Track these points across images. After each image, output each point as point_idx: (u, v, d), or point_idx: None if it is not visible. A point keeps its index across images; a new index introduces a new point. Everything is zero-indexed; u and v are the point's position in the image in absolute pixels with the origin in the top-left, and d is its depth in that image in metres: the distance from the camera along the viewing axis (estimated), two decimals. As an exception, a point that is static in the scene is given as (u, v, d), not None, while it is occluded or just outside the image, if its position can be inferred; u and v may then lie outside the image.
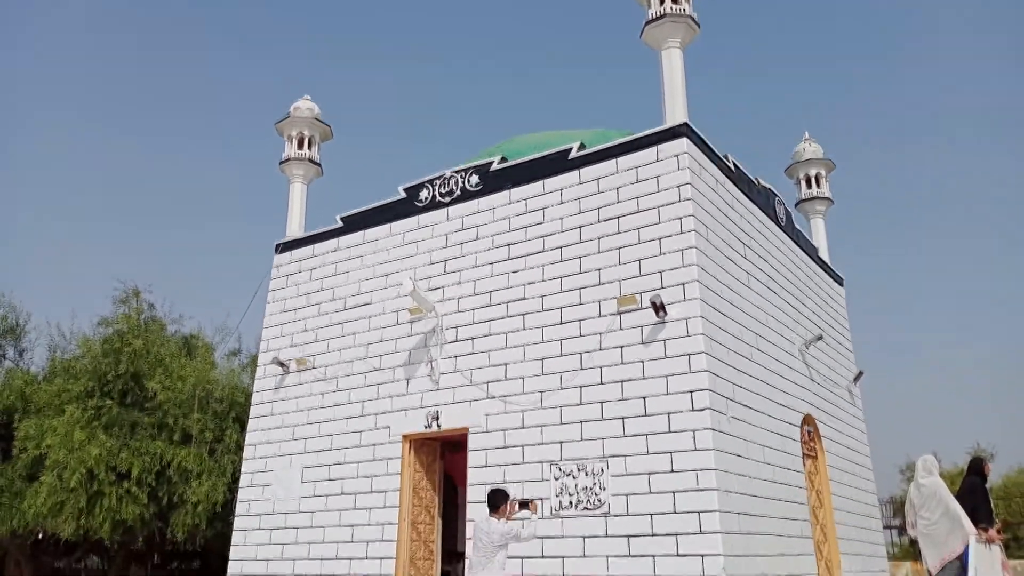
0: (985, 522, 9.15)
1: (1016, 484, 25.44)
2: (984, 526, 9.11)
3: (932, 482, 9.15)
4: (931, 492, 9.10)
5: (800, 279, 12.33)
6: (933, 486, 9.12)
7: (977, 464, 9.80)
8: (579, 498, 8.99)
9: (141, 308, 15.92)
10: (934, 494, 9.07)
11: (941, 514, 8.94)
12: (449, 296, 10.91)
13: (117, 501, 12.84)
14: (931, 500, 9.06)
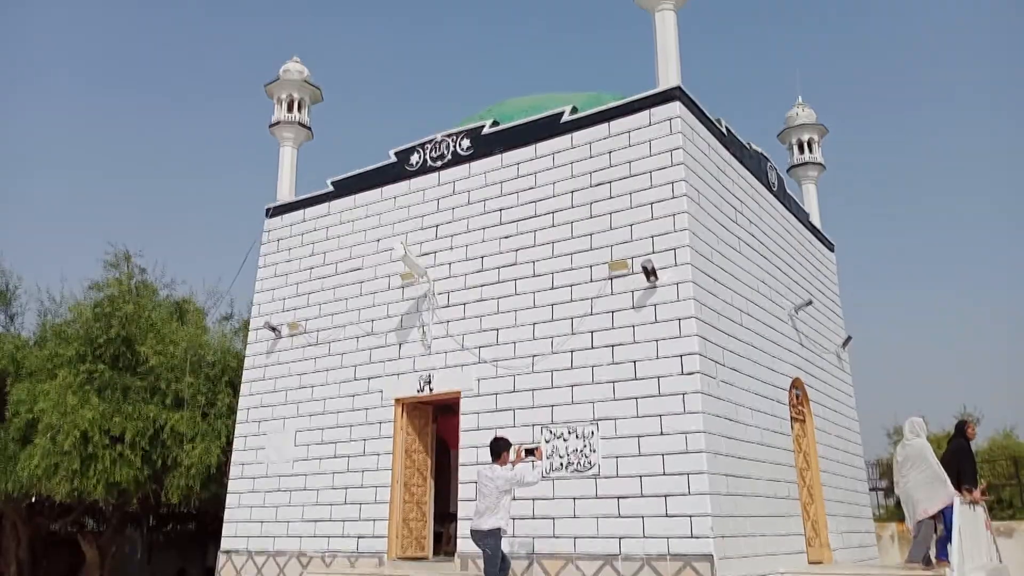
0: (970, 483, 9.34)
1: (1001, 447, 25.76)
2: (969, 487, 9.30)
3: (918, 443, 9.32)
4: (916, 453, 9.27)
5: (791, 244, 12.37)
6: (919, 447, 9.28)
7: (962, 427, 9.98)
8: (569, 460, 9.11)
9: (132, 272, 15.85)
10: (919, 455, 9.24)
11: (924, 474, 9.12)
12: (441, 261, 10.92)
13: (111, 464, 12.91)
14: (917, 460, 9.23)
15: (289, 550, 11.08)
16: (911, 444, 9.38)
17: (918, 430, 9.49)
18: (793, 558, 9.69)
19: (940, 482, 9.02)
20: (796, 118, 15.32)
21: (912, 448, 9.35)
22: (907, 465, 9.35)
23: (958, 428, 10.07)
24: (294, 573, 10.83)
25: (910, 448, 9.37)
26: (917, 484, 9.16)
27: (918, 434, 9.46)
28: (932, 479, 9.07)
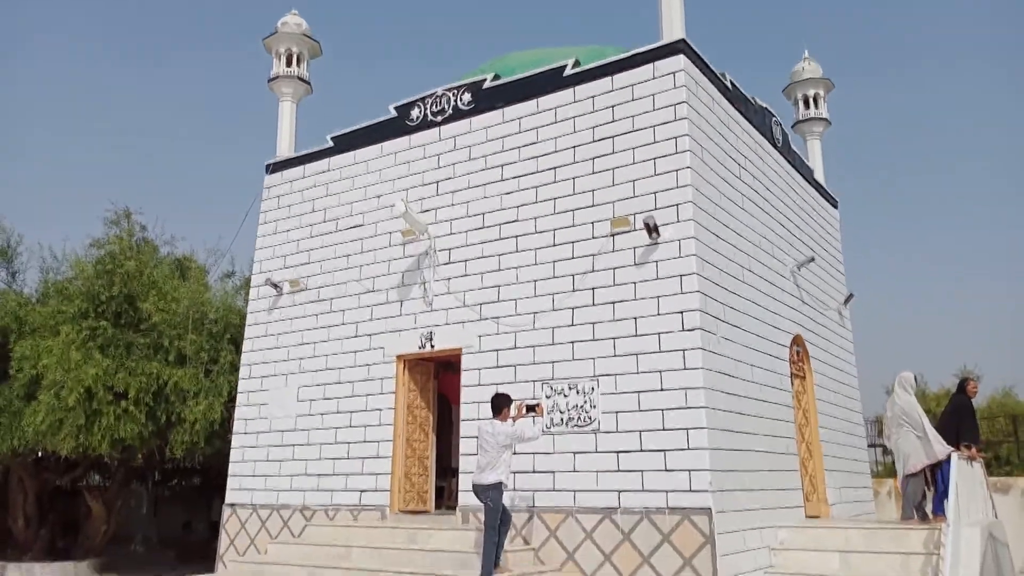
0: (970, 440, 9.41)
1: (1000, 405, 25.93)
2: (968, 443, 9.39)
3: (906, 400, 9.43)
4: (903, 409, 9.38)
5: (794, 201, 12.28)
6: (906, 403, 9.38)
7: (963, 384, 10.04)
8: (570, 416, 9.16)
9: (133, 230, 15.80)
10: (906, 411, 9.34)
11: (911, 430, 9.23)
12: (442, 218, 10.86)
13: (115, 420, 13.01)
14: (904, 417, 9.33)
15: (292, 504, 11.23)
16: (900, 400, 9.47)
17: (907, 386, 9.59)
18: (791, 512, 9.80)
19: (927, 439, 9.12)
20: (802, 72, 15.10)
21: (900, 405, 9.45)
22: (895, 421, 9.47)
23: (960, 385, 10.14)
24: (297, 526, 10.99)
25: (899, 404, 9.46)
26: (905, 440, 9.29)
27: (907, 390, 9.57)
28: (920, 436, 9.18)
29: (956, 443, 9.23)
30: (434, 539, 9.15)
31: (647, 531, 8.28)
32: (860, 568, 8.62)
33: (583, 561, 8.60)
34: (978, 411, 22.43)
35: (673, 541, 8.11)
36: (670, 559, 8.08)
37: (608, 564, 8.44)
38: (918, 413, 9.31)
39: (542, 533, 8.97)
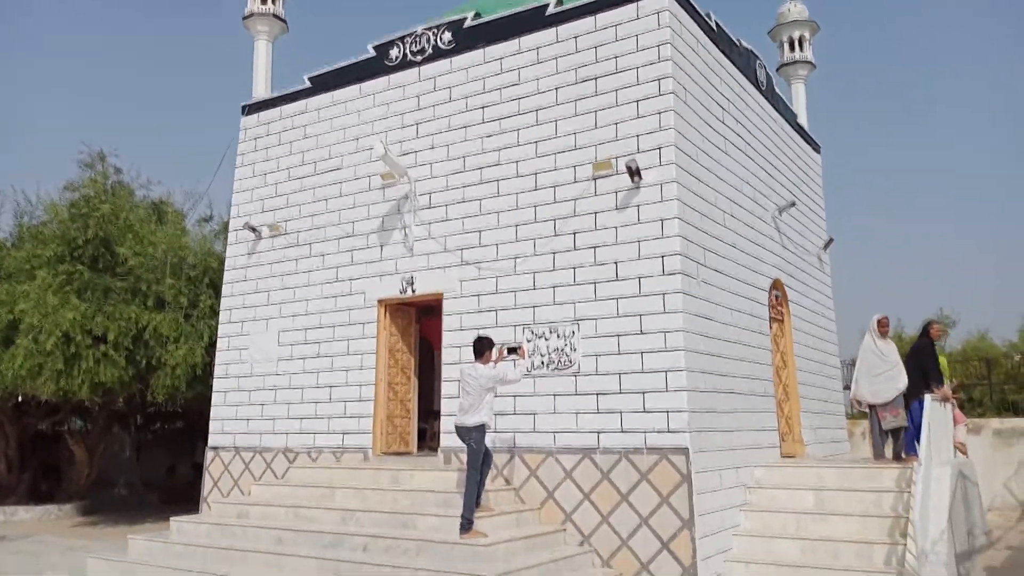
0: (935, 382, 9.62)
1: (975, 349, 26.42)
2: (936, 385, 9.60)
3: (866, 341, 9.76)
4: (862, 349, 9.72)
5: (777, 145, 12.23)
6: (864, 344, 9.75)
7: (926, 327, 10.25)
8: (550, 359, 9.22)
9: (107, 172, 15.53)
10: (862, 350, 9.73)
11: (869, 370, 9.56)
12: (422, 161, 10.72)
13: (95, 364, 12.95)
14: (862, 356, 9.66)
15: (275, 446, 11.31)
16: (864, 342, 9.79)
17: (870, 328, 9.86)
18: (767, 452, 10.00)
19: (883, 378, 9.41)
20: (788, 14, 14.92)
21: (863, 345, 9.79)
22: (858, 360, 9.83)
23: (924, 328, 10.33)
24: (281, 468, 11.08)
25: (863, 345, 9.81)
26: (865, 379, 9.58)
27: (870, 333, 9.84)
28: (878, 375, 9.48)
29: (924, 383, 9.45)
30: (416, 479, 9.27)
31: (626, 470, 8.43)
32: (833, 505, 8.85)
33: (563, 500, 8.76)
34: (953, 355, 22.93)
35: (651, 480, 8.26)
36: (648, 497, 8.25)
37: (587, 502, 8.60)
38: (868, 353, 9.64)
39: (523, 473, 9.10)
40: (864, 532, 8.35)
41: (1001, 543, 11.77)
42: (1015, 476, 14.85)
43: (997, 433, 15.23)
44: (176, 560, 8.84)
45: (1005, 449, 15.05)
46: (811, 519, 8.72)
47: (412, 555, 7.73)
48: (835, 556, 8.16)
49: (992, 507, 14.37)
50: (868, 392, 9.57)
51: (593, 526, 8.51)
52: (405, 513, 8.49)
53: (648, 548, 8.14)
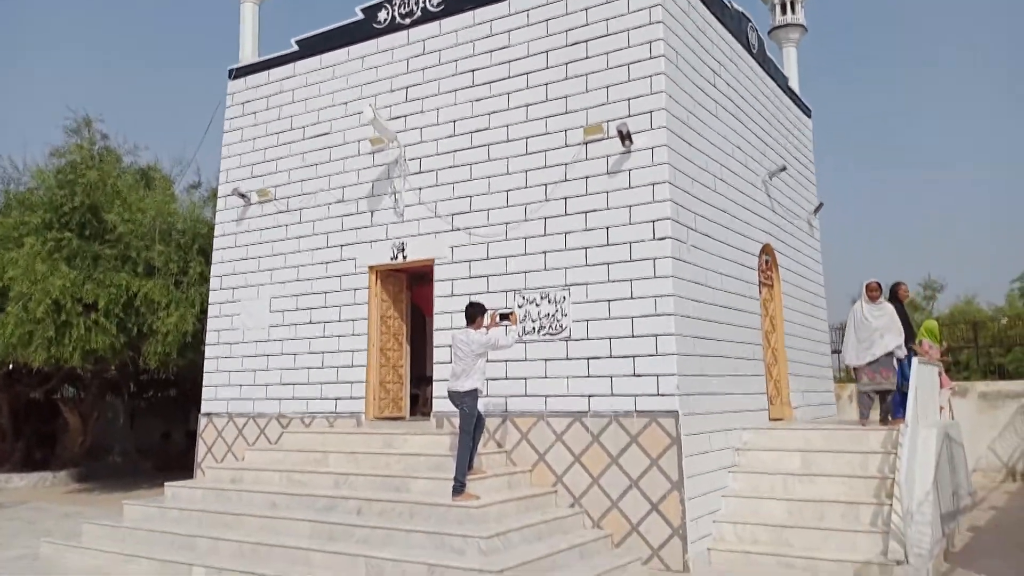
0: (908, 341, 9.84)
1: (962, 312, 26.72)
2: (912, 346, 9.81)
3: (856, 306, 9.88)
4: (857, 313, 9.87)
5: (768, 109, 12.18)
6: (853, 308, 9.95)
7: (894, 288, 10.36)
8: (542, 324, 9.26)
9: (94, 138, 15.37)
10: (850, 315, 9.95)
11: (862, 333, 9.69)
12: (412, 125, 10.64)
13: (86, 331, 12.92)
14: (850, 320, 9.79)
15: (268, 412, 11.36)
16: (854, 306, 9.94)
17: (861, 293, 9.96)
18: (755, 415, 10.11)
19: (868, 342, 9.57)
20: (780, -24, 14.74)
21: (851, 310, 9.95)
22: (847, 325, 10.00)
23: (891, 290, 10.42)
24: (274, 434, 11.15)
25: (851, 309, 9.98)
26: (852, 343, 9.75)
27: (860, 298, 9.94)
28: (864, 339, 9.65)
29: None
30: (409, 444, 9.35)
31: (615, 433, 8.52)
32: (820, 467, 8.97)
33: (554, 462, 8.86)
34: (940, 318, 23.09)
35: (640, 442, 8.36)
36: (637, 460, 8.35)
37: (577, 465, 8.70)
38: (851, 317, 9.94)
39: (514, 436, 9.19)
40: (850, 493, 8.49)
41: (985, 503, 11.99)
42: (1000, 438, 15.07)
43: (983, 396, 15.41)
44: (171, 525, 8.92)
45: (990, 412, 15.24)
46: (798, 480, 8.85)
47: (405, 518, 7.83)
48: (821, 517, 8.30)
49: (977, 468, 14.60)
50: (853, 355, 9.70)
51: (584, 488, 8.61)
52: (398, 477, 8.58)
53: (638, 509, 8.26)
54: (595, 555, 7.92)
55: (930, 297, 31.86)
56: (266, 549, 7.83)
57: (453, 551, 7.11)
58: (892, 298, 10.31)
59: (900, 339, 9.57)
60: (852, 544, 7.85)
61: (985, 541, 9.23)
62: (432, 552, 7.16)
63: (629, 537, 8.26)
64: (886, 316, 9.60)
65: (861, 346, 9.62)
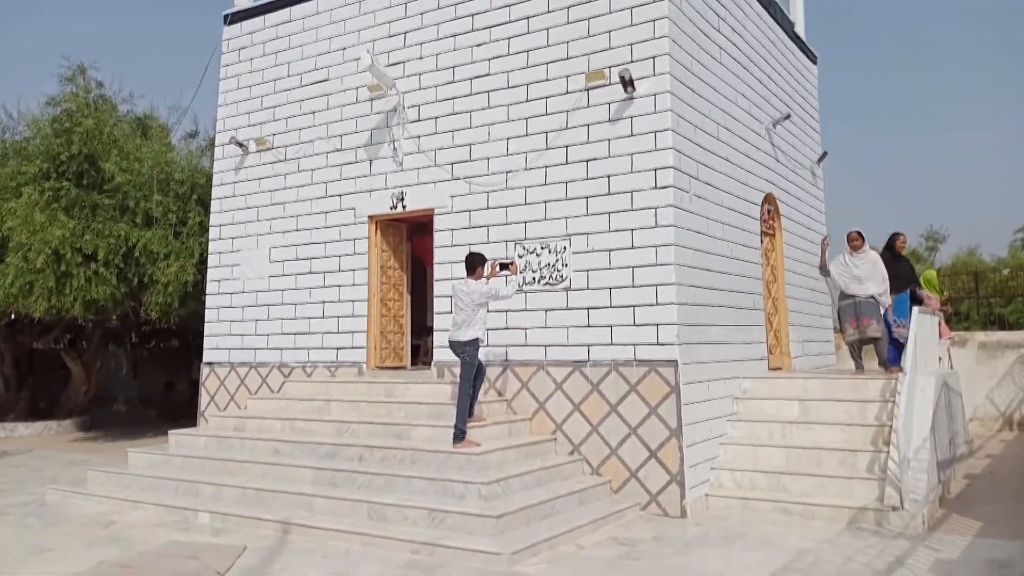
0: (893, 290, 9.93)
1: (964, 264, 26.67)
2: (916, 290, 9.90)
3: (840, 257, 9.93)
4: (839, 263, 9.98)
5: (773, 56, 11.96)
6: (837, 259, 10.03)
7: (891, 240, 10.31)
8: (542, 274, 9.23)
9: (89, 86, 15.17)
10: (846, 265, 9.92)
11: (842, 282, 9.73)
12: (410, 72, 10.47)
13: (86, 281, 12.91)
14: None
15: (270, 361, 11.41)
16: (838, 258, 10.05)
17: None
18: (755, 364, 10.14)
19: (849, 291, 9.63)
20: (788, -83, 14.33)
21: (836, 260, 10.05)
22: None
23: (889, 241, 10.41)
24: (276, 383, 11.22)
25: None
26: (836, 293, 9.85)
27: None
28: (845, 288, 9.82)
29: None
30: (410, 392, 9.41)
31: (615, 382, 8.56)
32: (818, 414, 9.04)
33: (553, 411, 8.92)
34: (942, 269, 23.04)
35: (640, 391, 8.40)
36: (636, 408, 8.40)
37: (577, 413, 8.76)
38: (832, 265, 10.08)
39: (515, 385, 9.24)
40: (848, 440, 8.56)
41: (981, 451, 12.11)
42: (998, 388, 15.17)
43: (982, 346, 15.46)
44: (175, 472, 9.03)
45: (989, 362, 15.31)
46: (796, 428, 8.92)
47: (407, 464, 7.91)
48: (818, 463, 8.38)
49: (975, 417, 14.72)
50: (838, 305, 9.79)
51: (583, 436, 8.69)
52: (399, 424, 8.65)
53: (637, 457, 8.34)
54: (594, 501, 8.03)
55: (932, 248, 31.79)
56: (269, 495, 7.93)
57: (454, 496, 7.20)
58: (888, 249, 10.28)
59: (882, 287, 9.53)
60: (849, 490, 7.94)
61: (980, 488, 9.34)
62: (433, 497, 7.25)
63: (628, 483, 8.35)
64: (867, 264, 9.56)
65: (843, 296, 9.70)
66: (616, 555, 6.57)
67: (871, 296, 9.48)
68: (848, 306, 9.69)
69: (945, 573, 5.89)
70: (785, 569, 6.08)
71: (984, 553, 6.46)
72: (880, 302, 9.60)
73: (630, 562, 6.35)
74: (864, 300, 9.49)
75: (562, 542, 6.81)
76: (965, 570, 5.97)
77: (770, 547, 6.75)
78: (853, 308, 9.62)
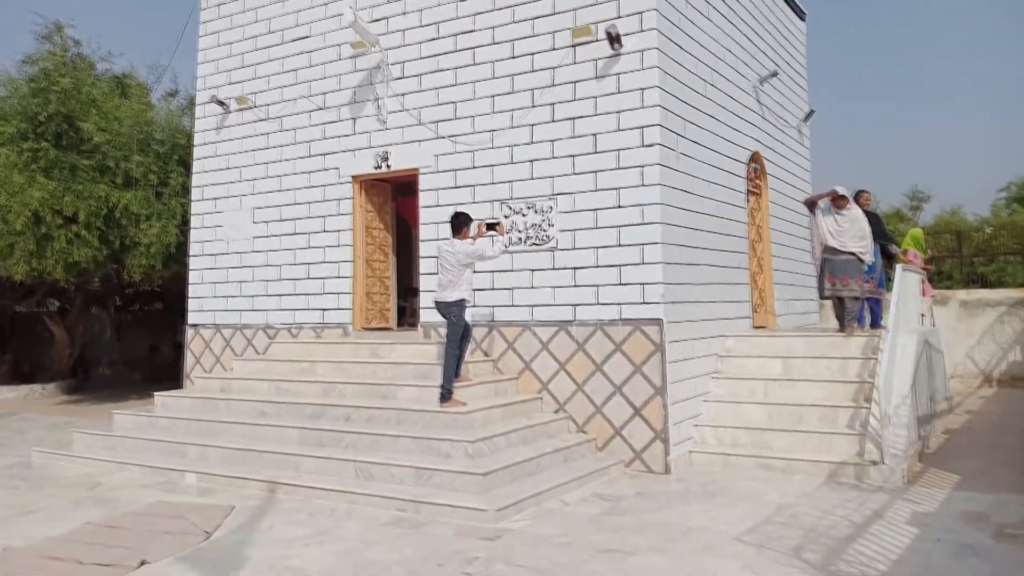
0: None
1: (947, 223, 26.83)
2: (882, 244, 10.07)
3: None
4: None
5: (761, 12, 11.84)
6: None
7: (856, 195, 10.25)
8: (528, 234, 9.19)
9: (66, 45, 14.82)
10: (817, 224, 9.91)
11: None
12: (393, 28, 10.29)
13: (67, 244, 12.76)
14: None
15: (256, 323, 11.37)
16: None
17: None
18: (739, 323, 10.21)
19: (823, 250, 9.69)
20: None
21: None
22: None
23: (853, 198, 10.32)
24: (261, 344, 11.19)
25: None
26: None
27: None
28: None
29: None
30: (396, 353, 9.41)
31: (600, 341, 8.59)
32: (801, 372, 9.12)
33: (539, 370, 8.96)
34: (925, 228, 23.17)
35: (625, 350, 8.44)
36: (621, 366, 8.44)
37: (563, 372, 8.80)
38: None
39: (501, 345, 9.26)
40: (830, 397, 8.65)
41: (961, 408, 12.29)
42: (978, 345, 15.36)
43: (963, 304, 15.62)
44: (161, 433, 9.03)
45: (969, 320, 15.48)
46: (778, 385, 9.00)
47: (393, 424, 7.95)
48: (800, 420, 8.48)
49: (955, 375, 14.93)
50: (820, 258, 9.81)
51: (568, 395, 8.74)
52: (385, 384, 8.66)
53: (621, 414, 8.41)
54: (579, 458, 8.11)
55: (916, 207, 31.92)
56: (255, 455, 7.96)
57: (440, 455, 7.25)
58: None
59: (862, 243, 9.50)
60: (829, 446, 8.05)
61: (958, 443, 9.50)
62: (419, 456, 7.30)
63: (612, 441, 8.43)
64: (847, 221, 9.55)
65: (827, 247, 9.69)
66: (600, 511, 6.65)
67: (851, 253, 9.47)
68: (828, 261, 9.64)
69: (922, 525, 6.00)
70: (765, 523, 6.18)
71: (961, 506, 6.58)
72: (862, 260, 9.60)
73: (614, 517, 6.44)
74: (844, 258, 9.48)
75: (547, 498, 6.89)
76: (942, 522, 6.09)
77: (751, 502, 6.85)
78: (832, 265, 9.59)
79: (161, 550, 5.66)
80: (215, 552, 5.68)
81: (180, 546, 5.77)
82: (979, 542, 5.59)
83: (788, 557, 5.33)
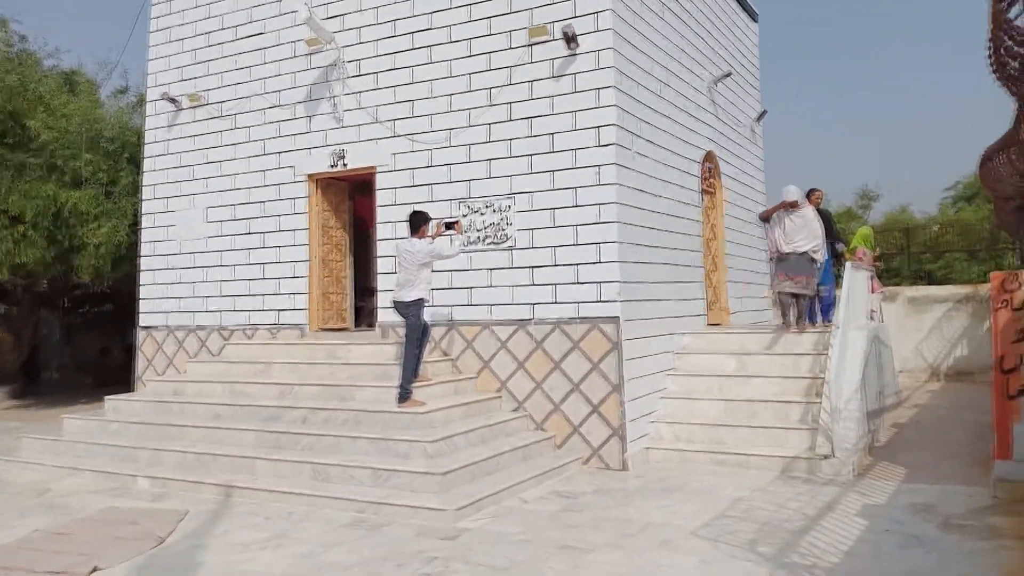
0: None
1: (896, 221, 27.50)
2: (831, 242, 10.31)
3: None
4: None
5: (715, 13, 12.00)
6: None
7: (808, 194, 10.44)
8: (486, 234, 9.20)
9: (11, 40, 14.40)
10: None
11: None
12: (349, 25, 10.21)
13: (14, 244, 12.42)
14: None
15: (209, 324, 11.19)
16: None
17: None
18: (694, 320, 10.34)
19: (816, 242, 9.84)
20: None
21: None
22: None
23: (804, 195, 10.52)
24: (216, 346, 11.02)
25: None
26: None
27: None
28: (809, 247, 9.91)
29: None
30: (354, 353, 9.34)
31: (558, 340, 8.64)
32: (754, 368, 9.27)
33: (498, 369, 8.97)
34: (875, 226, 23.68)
35: (582, 348, 8.50)
36: (579, 364, 8.50)
37: (521, 370, 8.83)
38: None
39: (460, 345, 9.25)
40: (782, 393, 8.82)
41: (910, 401, 12.62)
42: (926, 340, 15.78)
43: (911, 301, 16.03)
44: (112, 438, 8.85)
45: (917, 316, 15.90)
46: (733, 382, 9.15)
47: (351, 425, 7.89)
48: (754, 415, 8.63)
49: (904, 369, 15.31)
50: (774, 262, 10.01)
51: (527, 393, 8.77)
52: (343, 386, 8.60)
53: (579, 412, 8.47)
54: (537, 456, 8.14)
55: (865, 206, 32.63)
56: (210, 458, 7.84)
57: (398, 456, 7.22)
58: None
59: (813, 242, 9.69)
60: (782, 440, 8.21)
61: (907, 436, 9.75)
62: (378, 457, 7.26)
63: (571, 438, 8.49)
64: (800, 218, 9.74)
65: (781, 252, 9.86)
66: (559, 508, 6.69)
67: (804, 252, 9.66)
68: (782, 262, 9.82)
69: (872, 517, 6.16)
70: (721, 517, 6.28)
71: (909, 497, 6.76)
72: (815, 260, 9.79)
73: (572, 514, 6.48)
74: (798, 257, 9.66)
75: (506, 497, 6.91)
76: (891, 514, 6.25)
77: (707, 497, 6.95)
78: (785, 263, 9.77)
79: (114, 556, 5.55)
80: (169, 558, 5.58)
81: (133, 552, 5.66)
82: (926, 533, 5.75)
83: (743, 551, 5.43)
